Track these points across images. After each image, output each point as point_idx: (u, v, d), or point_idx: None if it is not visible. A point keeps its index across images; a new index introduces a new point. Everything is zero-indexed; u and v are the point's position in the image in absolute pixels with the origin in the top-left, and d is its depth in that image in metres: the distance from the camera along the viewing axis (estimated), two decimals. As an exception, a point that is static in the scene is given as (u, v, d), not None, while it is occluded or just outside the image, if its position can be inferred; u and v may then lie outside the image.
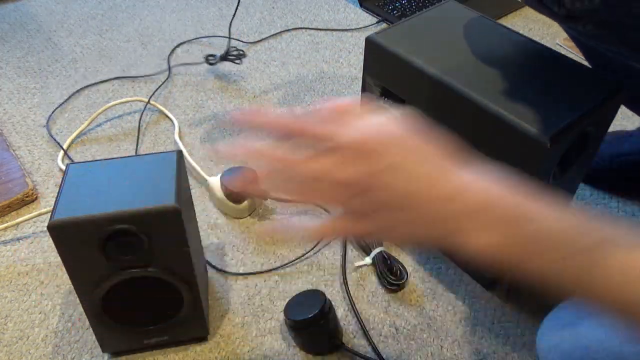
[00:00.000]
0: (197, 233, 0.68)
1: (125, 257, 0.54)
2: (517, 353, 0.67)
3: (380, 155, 0.38)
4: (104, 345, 0.64)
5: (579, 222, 0.36)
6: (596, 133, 0.63)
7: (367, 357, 0.65)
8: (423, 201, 0.37)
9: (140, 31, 1.24)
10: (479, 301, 0.72)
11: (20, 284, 0.74)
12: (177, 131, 0.97)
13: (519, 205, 0.36)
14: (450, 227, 0.37)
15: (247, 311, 0.71)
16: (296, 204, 0.85)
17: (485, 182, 0.38)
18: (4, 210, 0.82)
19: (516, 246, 0.36)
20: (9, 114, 1.01)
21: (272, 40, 1.23)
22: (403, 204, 0.37)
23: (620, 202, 0.86)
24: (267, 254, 0.78)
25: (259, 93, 1.07)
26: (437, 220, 0.37)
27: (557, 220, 0.36)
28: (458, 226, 0.37)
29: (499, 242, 0.36)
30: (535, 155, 0.55)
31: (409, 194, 0.37)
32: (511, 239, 0.36)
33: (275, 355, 0.66)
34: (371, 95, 0.70)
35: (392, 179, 0.37)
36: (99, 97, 1.05)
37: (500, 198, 0.37)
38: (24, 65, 1.13)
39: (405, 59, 0.64)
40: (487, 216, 0.36)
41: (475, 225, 0.36)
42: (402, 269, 0.74)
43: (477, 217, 0.36)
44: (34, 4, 1.33)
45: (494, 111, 0.57)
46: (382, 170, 0.37)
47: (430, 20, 0.69)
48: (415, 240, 0.40)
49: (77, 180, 0.55)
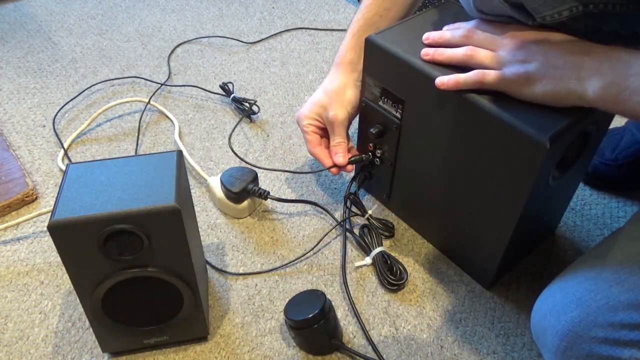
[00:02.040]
0: (197, 233, 0.68)
1: (125, 257, 0.55)
2: (517, 353, 0.67)
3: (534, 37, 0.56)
4: (104, 345, 0.64)
5: None
6: (596, 133, 0.63)
7: (367, 357, 0.65)
8: (567, 52, 0.53)
9: (140, 31, 1.25)
10: (479, 301, 0.72)
11: (20, 284, 0.74)
12: (177, 131, 0.97)
13: (621, 56, 0.50)
14: (581, 76, 0.52)
15: (247, 311, 0.71)
16: (296, 203, 0.85)
17: (600, 46, 0.52)
18: (4, 210, 0.82)
19: (618, 87, 0.49)
20: (9, 114, 1.01)
21: (272, 40, 1.23)
22: (551, 53, 0.53)
23: (621, 202, 0.86)
24: (267, 254, 0.78)
25: (259, 93, 1.07)
26: (574, 69, 0.52)
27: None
28: (586, 74, 0.51)
29: (606, 83, 0.50)
30: (535, 155, 0.55)
31: (558, 48, 0.54)
32: (616, 81, 0.49)
33: (275, 355, 0.66)
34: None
35: (544, 40, 0.55)
36: (98, 97, 1.05)
37: (609, 52, 0.51)
38: (24, 65, 1.13)
39: (405, 59, 0.64)
40: (602, 64, 0.51)
41: (594, 72, 0.51)
42: (402, 269, 0.74)
43: (598, 66, 0.51)
44: (34, 4, 1.33)
45: (494, 112, 0.57)
46: (536, 40, 0.55)
47: (430, 20, 0.69)
48: (550, 92, 0.54)
49: (77, 180, 0.55)
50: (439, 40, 0.63)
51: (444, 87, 0.60)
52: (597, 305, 0.53)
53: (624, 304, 0.51)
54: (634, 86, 0.48)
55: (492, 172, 0.62)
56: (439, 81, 0.60)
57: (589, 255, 0.61)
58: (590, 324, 0.53)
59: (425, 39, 0.65)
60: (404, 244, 0.79)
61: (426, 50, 0.63)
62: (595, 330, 0.52)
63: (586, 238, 0.81)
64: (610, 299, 0.53)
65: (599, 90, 0.51)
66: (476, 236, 0.70)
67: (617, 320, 0.51)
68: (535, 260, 0.78)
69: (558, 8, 0.52)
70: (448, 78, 0.59)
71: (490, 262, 0.70)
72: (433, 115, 0.65)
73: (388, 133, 0.74)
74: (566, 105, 0.55)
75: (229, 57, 1.17)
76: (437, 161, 0.69)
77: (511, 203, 0.61)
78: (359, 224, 0.81)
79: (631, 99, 0.49)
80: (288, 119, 1.01)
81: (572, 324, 0.54)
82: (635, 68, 0.48)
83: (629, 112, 0.50)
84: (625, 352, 0.50)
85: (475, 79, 0.58)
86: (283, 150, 0.95)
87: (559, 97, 0.54)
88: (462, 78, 0.59)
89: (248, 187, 0.80)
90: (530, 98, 0.56)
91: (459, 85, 0.59)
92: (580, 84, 0.52)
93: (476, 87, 0.58)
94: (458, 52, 0.60)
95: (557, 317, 0.56)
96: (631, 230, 0.59)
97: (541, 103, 0.56)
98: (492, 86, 0.58)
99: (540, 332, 0.59)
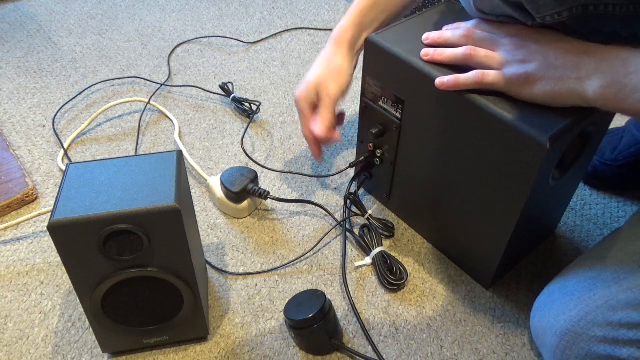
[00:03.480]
0: (197, 233, 0.68)
1: (125, 257, 0.55)
2: (517, 353, 0.67)
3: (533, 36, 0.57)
4: (104, 345, 0.64)
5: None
6: (596, 133, 0.63)
7: (367, 357, 0.65)
8: (566, 51, 0.53)
9: (140, 31, 1.25)
10: (479, 301, 0.72)
11: (20, 284, 0.74)
12: (177, 131, 0.97)
13: (620, 54, 0.50)
14: (581, 75, 0.52)
15: (247, 311, 0.71)
16: (295, 203, 0.85)
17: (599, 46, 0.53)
18: (4, 210, 0.82)
19: (617, 85, 0.50)
20: (9, 114, 1.01)
21: (272, 40, 1.23)
22: (550, 53, 0.54)
23: (621, 202, 0.86)
24: (267, 254, 0.78)
25: (259, 93, 1.07)
26: (573, 68, 0.52)
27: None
28: (585, 74, 0.52)
29: (606, 82, 0.50)
30: (535, 156, 0.55)
31: (557, 48, 0.54)
32: (615, 79, 0.50)
33: (275, 355, 0.66)
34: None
35: (544, 40, 0.55)
36: (98, 97, 1.05)
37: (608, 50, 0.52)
38: (24, 65, 1.13)
39: (405, 59, 0.64)
40: (601, 63, 0.51)
41: (594, 71, 0.51)
42: (402, 269, 0.74)
43: (597, 65, 0.51)
44: (34, 4, 1.33)
45: (494, 112, 0.57)
46: (536, 40, 0.56)
47: (430, 20, 0.69)
48: (550, 92, 0.54)
49: (77, 180, 0.55)
50: (439, 40, 0.63)
51: (443, 87, 0.60)
52: (596, 304, 0.53)
53: (623, 304, 0.52)
54: (633, 83, 0.48)
55: (492, 172, 0.62)
56: (439, 81, 0.60)
57: (588, 255, 0.61)
58: (589, 323, 0.53)
59: (425, 39, 0.65)
60: (404, 244, 0.79)
61: (426, 51, 0.63)
62: (594, 329, 0.52)
63: (586, 238, 0.81)
64: (609, 299, 0.53)
65: (598, 89, 0.51)
66: (476, 236, 0.70)
67: (616, 319, 0.51)
68: (535, 260, 0.78)
69: (558, 9, 0.52)
70: (448, 78, 0.59)
71: (490, 262, 0.70)
72: (433, 115, 0.65)
73: (388, 133, 0.74)
74: (566, 106, 0.55)
75: (229, 57, 1.17)
76: (437, 161, 0.69)
77: (511, 203, 0.62)
78: (359, 224, 0.81)
79: (631, 96, 0.49)
80: (288, 119, 1.01)
81: (571, 323, 0.54)
82: (634, 65, 0.49)
83: (630, 110, 0.50)
84: (624, 351, 0.50)
85: (474, 79, 0.58)
86: (283, 150, 0.95)
87: (558, 97, 0.54)
88: (461, 78, 0.59)
89: (248, 187, 0.80)
90: (530, 98, 0.56)
91: (459, 85, 0.59)
92: (580, 83, 0.52)
93: (476, 87, 0.58)
94: (458, 52, 0.60)
95: (556, 317, 0.56)
96: (630, 230, 0.59)
97: (541, 103, 0.56)
98: (491, 86, 0.58)
99: (540, 332, 0.59)
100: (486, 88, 0.58)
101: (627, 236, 0.58)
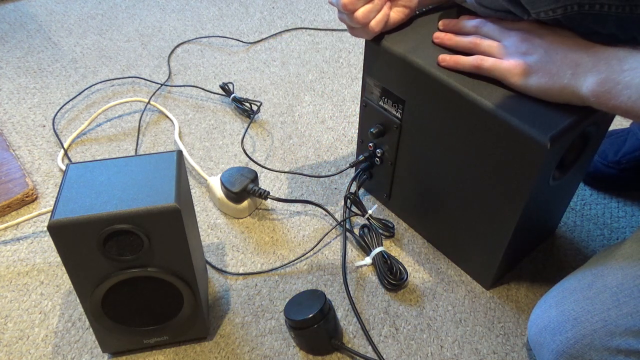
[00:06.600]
0: (197, 233, 0.68)
1: (125, 257, 0.55)
2: (517, 353, 0.67)
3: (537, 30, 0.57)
4: (104, 345, 0.64)
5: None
6: (596, 133, 0.63)
7: (367, 357, 0.65)
8: (568, 48, 0.54)
9: (140, 31, 1.24)
10: (479, 301, 0.72)
11: (20, 284, 0.74)
12: (177, 131, 0.97)
13: (618, 53, 0.50)
14: (577, 72, 0.52)
15: (247, 311, 0.71)
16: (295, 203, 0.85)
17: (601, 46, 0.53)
18: (4, 210, 0.82)
19: (611, 82, 0.50)
20: (9, 114, 1.01)
21: (272, 40, 1.23)
22: (552, 48, 0.54)
23: (621, 202, 0.86)
24: (267, 254, 0.78)
25: (259, 93, 1.07)
26: (571, 65, 0.53)
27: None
28: (581, 71, 0.52)
29: (600, 79, 0.50)
30: (536, 156, 0.55)
31: (560, 44, 0.54)
32: (610, 76, 0.50)
33: (275, 355, 0.66)
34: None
35: (548, 36, 0.56)
36: (98, 97, 1.05)
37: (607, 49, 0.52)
38: (24, 65, 1.13)
39: (405, 59, 0.64)
40: (599, 61, 0.51)
41: (590, 68, 0.51)
42: (402, 269, 0.74)
43: (595, 63, 0.51)
44: (34, 4, 1.33)
45: (494, 112, 0.57)
46: (541, 34, 0.56)
47: (430, 20, 0.69)
48: (544, 85, 0.55)
49: (77, 180, 0.55)
50: (454, 27, 0.65)
51: (444, 64, 0.62)
52: (593, 327, 0.52)
53: (622, 330, 0.51)
54: (627, 80, 0.48)
55: (493, 172, 0.62)
56: (441, 58, 0.62)
57: (588, 268, 0.59)
58: (586, 346, 0.52)
59: (441, 25, 0.67)
60: (404, 244, 0.79)
61: (438, 34, 0.65)
62: (591, 353, 0.52)
63: (586, 238, 0.81)
64: (608, 323, 0.52)
65: (592, 86, 0.51)
66: (476, 236, 0.70)
67: (614, 345, 0.51)
68: (535, 260, 0.78)
69: (553, 5, 0.52)
70: (450, 57, 0.61)
71: (490, 262, 0.70)
72: (433, 115, 0.65)
73: (388, 133, 0.74)
74: (559, 101, 0.56)
75: (229, 57, 1.17)
76: (437, 161, 0.69)
77: (511, 203, 0.61)
78: (359, 224, 0.81)
79: (623, 93, 0.49)
80: (288, 119, 1.01)
81: (568, 345, 0.53)
82: (630, 63, 0.49)
83: (620, 107, 0.50)
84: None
85: (473, 62, 0.60)
86: (283, 150, 0.95)
87: (551, 91, 0.55)
88: (462, 59, 0.61)
89: (248, 187, 0.80)
90: (523, 89, 0.57)
91: (458, 65, 0.61)
92: (575, 79, 0.53)
93: (474, 70, 0.60)
94: (465, 39, 0.62)
95: (553, 336, 0.55)
96: (633, 248, 0.58)
97: (534, 96, 0.57)
98: (488, 72, 0.59)
99: (537, 347, 0.59)
100: (484, 74, 0.59)
101: (630, 254, 0.57)
